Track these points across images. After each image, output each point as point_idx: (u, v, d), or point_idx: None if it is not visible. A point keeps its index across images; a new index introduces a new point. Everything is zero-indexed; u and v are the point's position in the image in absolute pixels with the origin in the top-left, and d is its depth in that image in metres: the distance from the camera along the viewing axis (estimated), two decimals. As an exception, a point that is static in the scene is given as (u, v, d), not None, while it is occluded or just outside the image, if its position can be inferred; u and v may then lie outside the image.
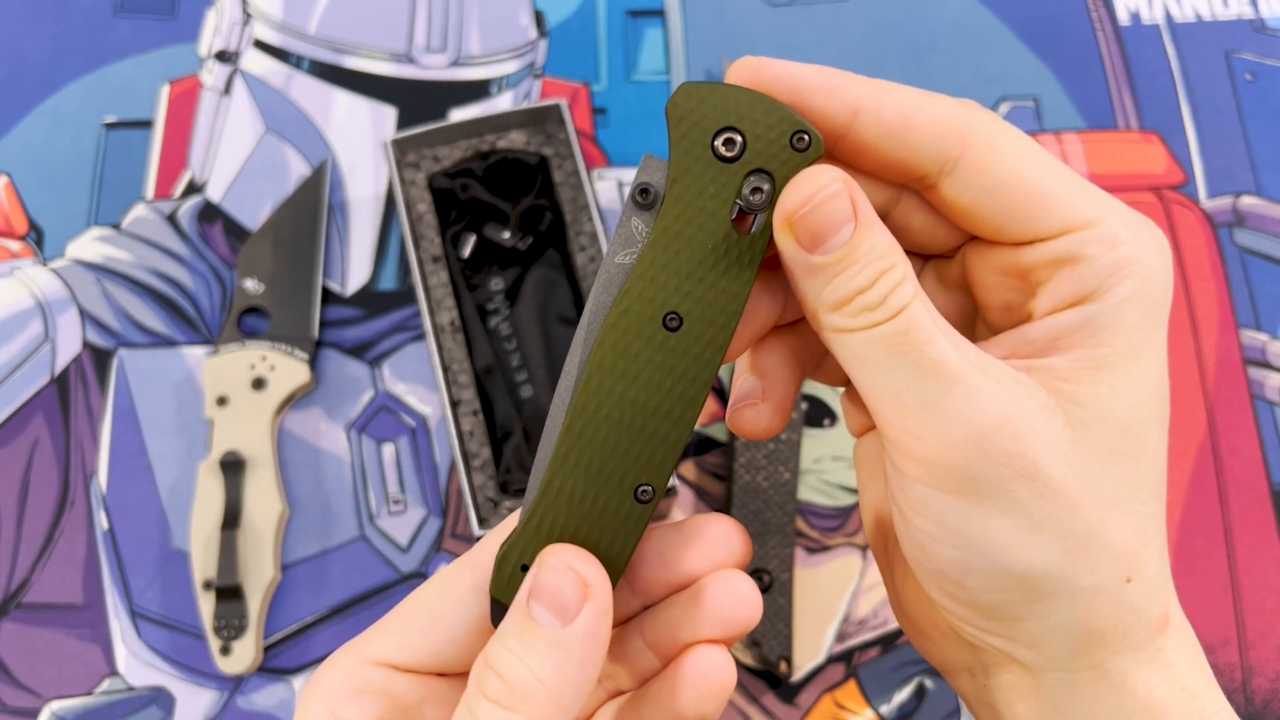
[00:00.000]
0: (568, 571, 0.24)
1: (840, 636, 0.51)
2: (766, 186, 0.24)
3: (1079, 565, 0.23)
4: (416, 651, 0.26)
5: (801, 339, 0.28)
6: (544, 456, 0.25)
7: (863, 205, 0.23)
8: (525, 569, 0.25)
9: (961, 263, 0.27)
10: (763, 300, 0.26)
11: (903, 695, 0.50)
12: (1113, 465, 0.23)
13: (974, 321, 0.28)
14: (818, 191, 0.23)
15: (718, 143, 0.24)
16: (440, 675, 0.27)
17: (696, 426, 0.55)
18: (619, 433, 0.25)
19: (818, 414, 0.55)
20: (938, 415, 0.22)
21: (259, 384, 0.54)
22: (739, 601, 0.26)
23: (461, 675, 0.27)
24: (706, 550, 0.27)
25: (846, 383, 0.29)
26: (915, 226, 0.26)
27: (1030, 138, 0.24)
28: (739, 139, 0.24)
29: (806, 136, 0.24)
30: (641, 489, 0.25)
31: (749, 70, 0.24)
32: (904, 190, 0.26)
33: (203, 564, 0.51)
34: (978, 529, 0.23)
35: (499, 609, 0.25)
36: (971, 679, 0.26)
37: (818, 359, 0.29)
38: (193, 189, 0.60)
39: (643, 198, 0.25)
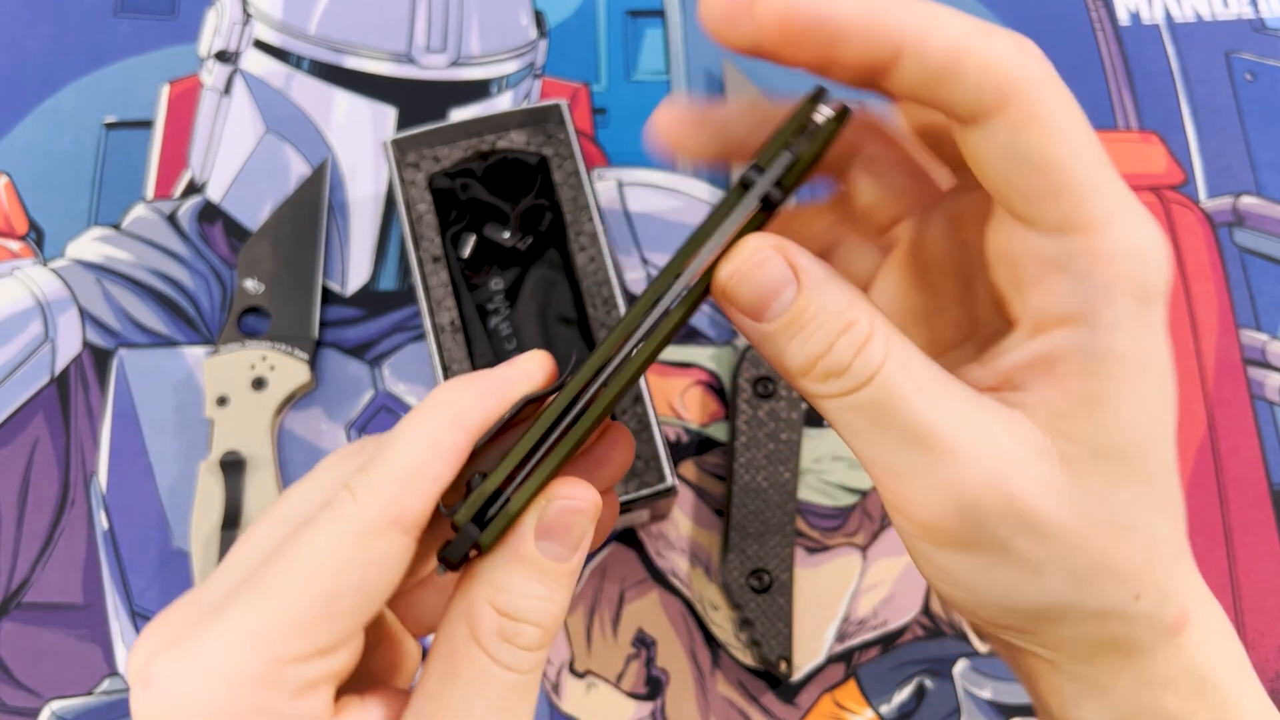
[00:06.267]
0: (582, 504, 0.24)
1: (840, 636, 0.51)
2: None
3: (1084, 595, 0.23)
4: (350, 631, 0.23)
5: None
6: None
7: (806, 265, 0.22)
8: (495, 507, 0.24)
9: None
10: None
11: (903, 695, 0.50)
12: (1117, 493, 0.22)
13: (980, 275, 0.26)
14: (745, 259, 0.22)
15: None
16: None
17: (696, 426, 0.55)
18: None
19: (818, 414, 0.55)
20: (928, 484, 0.22)
21: (259, 384, 0.54)
22: (612, 443, 0.27)
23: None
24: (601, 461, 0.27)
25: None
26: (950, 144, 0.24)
27: (1078, 109, 0.22)
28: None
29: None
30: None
31: (780, 5, 0.21)
32: None
33: (203, 564, 0.51)
34: (981, 579, 0.23)
35: (461, 553, 0.24)
36: (1006, 649, 0.27)
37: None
38: (193, 189, 0.60)
39: None
